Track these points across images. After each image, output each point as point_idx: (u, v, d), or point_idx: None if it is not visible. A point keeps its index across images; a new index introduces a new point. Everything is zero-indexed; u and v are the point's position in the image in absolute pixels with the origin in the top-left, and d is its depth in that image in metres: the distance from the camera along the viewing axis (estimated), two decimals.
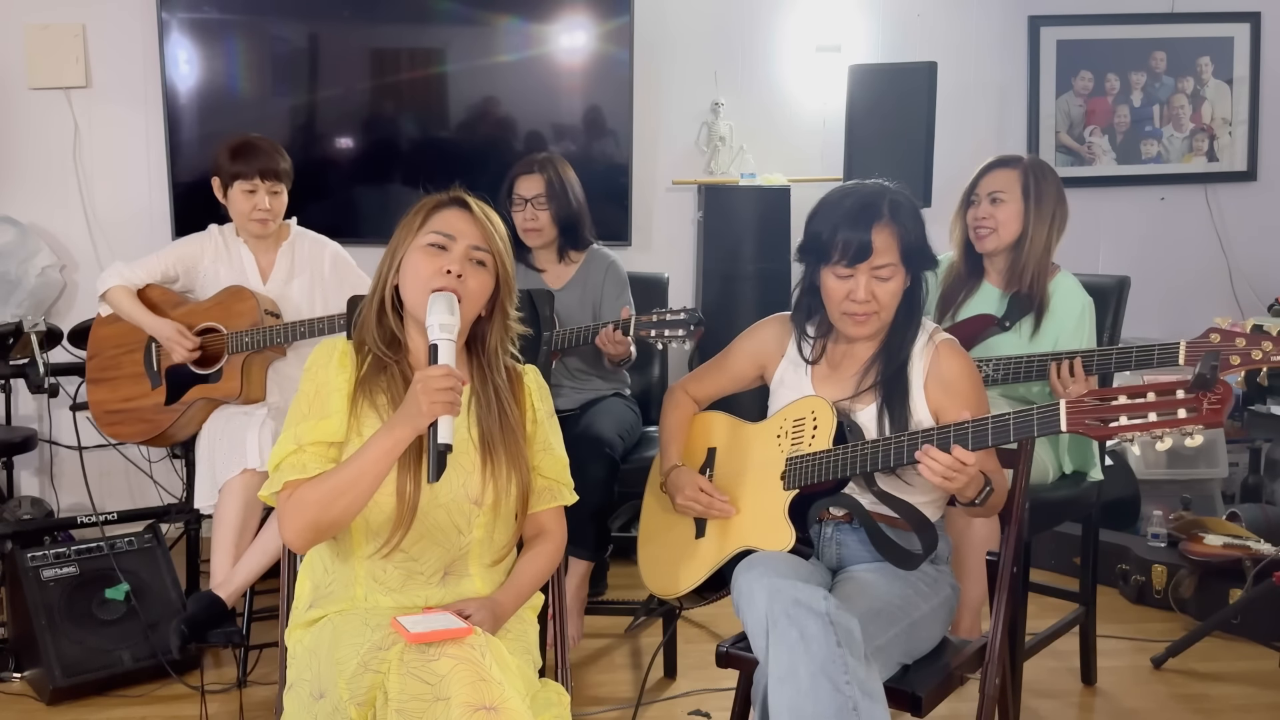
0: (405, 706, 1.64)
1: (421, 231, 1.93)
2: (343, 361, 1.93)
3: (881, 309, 2.14)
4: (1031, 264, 2.87)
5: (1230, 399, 1.78)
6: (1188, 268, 4.80)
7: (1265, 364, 2.55)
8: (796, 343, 2.29)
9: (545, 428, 2.05)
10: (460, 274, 1.89)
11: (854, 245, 2.10)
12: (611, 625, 3.49)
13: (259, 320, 3.11)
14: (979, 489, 2.04)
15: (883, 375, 2.18)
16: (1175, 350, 2.63)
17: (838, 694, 1.85)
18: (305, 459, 1.86)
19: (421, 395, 1.74)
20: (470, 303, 1.91)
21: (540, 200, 3.23)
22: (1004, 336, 2.87)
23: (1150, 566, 3.66)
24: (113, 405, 3.27)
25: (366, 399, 1.91)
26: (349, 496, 1.79)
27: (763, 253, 4.31)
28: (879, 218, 2.11)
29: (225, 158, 3.17)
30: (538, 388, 2.06)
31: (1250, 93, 4.80)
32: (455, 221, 1.93)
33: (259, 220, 3.17)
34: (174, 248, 3.29)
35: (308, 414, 1.90)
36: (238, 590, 2.97)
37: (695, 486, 2.25)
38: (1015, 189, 2.87)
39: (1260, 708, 2.99)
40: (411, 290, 1.91)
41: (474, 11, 4.30)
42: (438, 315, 1.82)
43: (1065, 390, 2.65)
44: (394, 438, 1.78)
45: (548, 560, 2.03)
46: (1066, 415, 1.90)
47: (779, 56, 4.56)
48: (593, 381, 3.27)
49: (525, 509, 1.99)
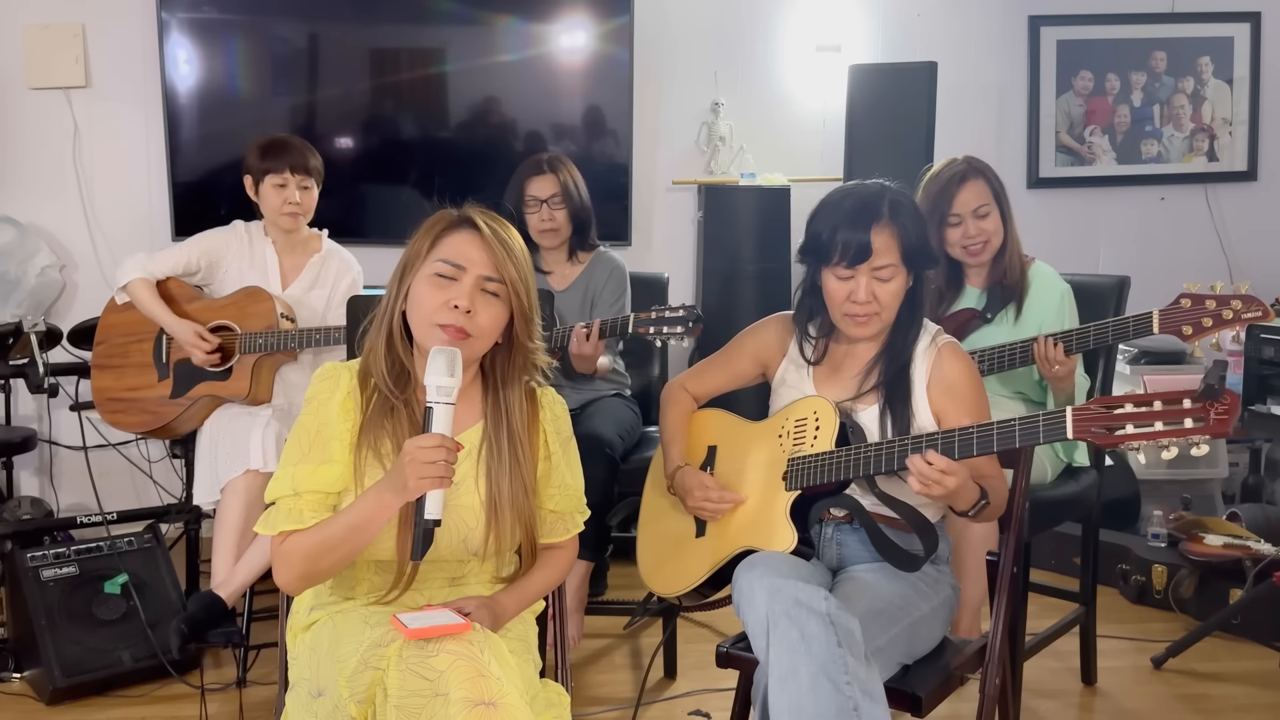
0: (405, 703, 1.63)
1: (430, 258, 1.82)
2: (346, 404, 1.84)
3: (883, 309, 2.14)
4: (1016, 261, 2.91)
5: (1238, 409, 1.78)
6: (1188, 268, 4.77)
7: (1236, 323, 2.60)
8: (798, 343, 2.29)
9: (561, 463, 1.96)
10: (469, 309, 1.79)
11: (854, 246, 2.10)
12: (611, 625, 3.49)
13: (274, 323, 3.11)
14: (971, 501, 2.03)
15: (885, 376, 2.18)
16: (1149, 319, 2.66)
17: (838, 694, 1.85)
18: (302, 506, 1.80)
19: (409, 467, 1.66)
20: (481, 338, 1.81)
21: (556, 200, 3.23)
22: (988, 329, 2.89)
23: (1150, 566, 3.66)
24: (117, 393, 3.27)
25: (370, 448, 1.82)
26: (338, 554, 1.76)
27: (763, 253, 4.31)
28: (879, 218, 2.11)
29: (255, 156, 3.17)
30: (554, 418, 1.97)
31: (1250, 93, 4.80)
32: (465, 248, 1.82)
33: (290, 214, 3.16)
34: (198, 241, 3.27)
35: (308, 454, 1.82)
36: (238, 590, 2.97)
37: (703, 488, 2.24)
38: (990, 198, 2.88)
39: (1260, 708, 2.99)
40: (419, 323, 1.82)
41: (474, 11, 4.30)
42: (435, 376, 1.71)
43: (1051, 369, 2.68)
44: (380, 503, 1.72)
45: (556, 574, 2.01)
46: (1073, 423, 1.89)
47: (779, 56, 4.56)
48: (593, 381, 3.27)
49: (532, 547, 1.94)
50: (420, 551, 1.72)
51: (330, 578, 1.85)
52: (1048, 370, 2.70)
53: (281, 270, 3.25)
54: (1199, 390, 1.78)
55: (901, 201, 2.15)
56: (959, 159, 2.95)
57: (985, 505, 2.04)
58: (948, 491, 1.96)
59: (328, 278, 3.27)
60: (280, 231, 3.23)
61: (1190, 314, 2.64)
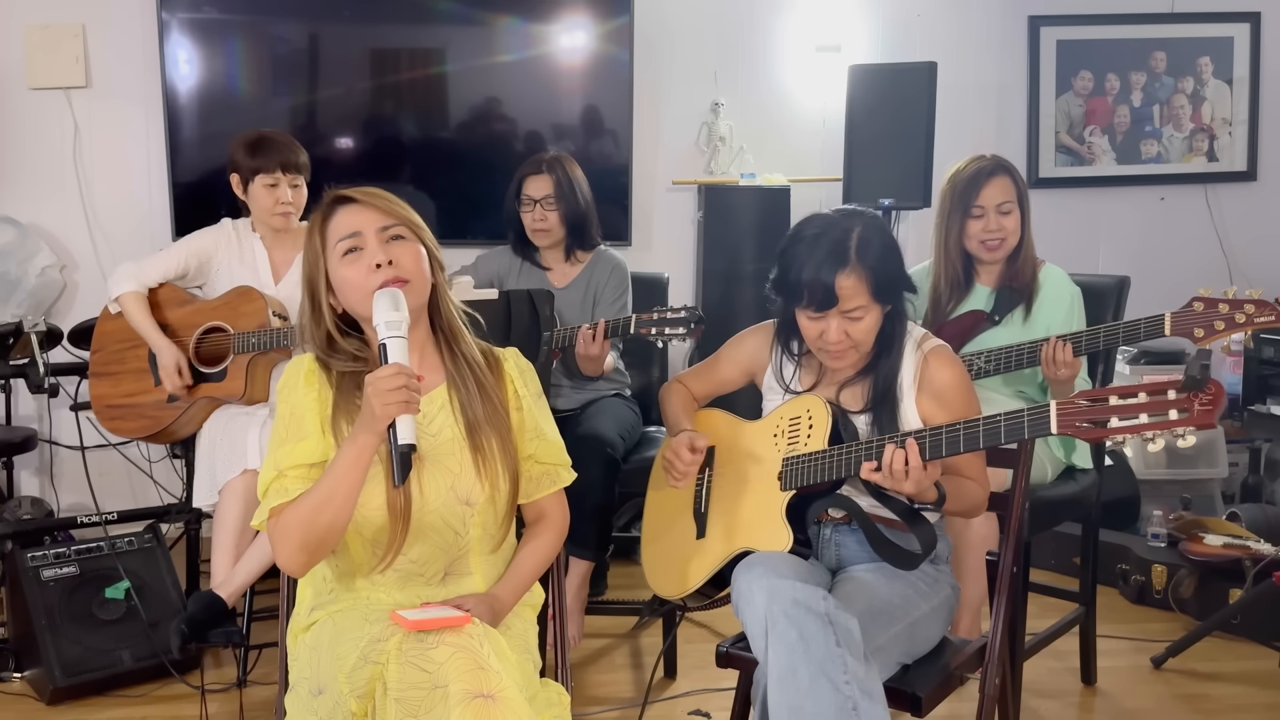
0: (404, 695, 1.64)
1: (330, 247, 1.88)
2: (309, 379, 1.90)
3: (858, 344, 2.13)
4: (1030, 262, 2.92)
5: (1222, 400, 1.77)
6: (1188, 268, 4.78)
7: (1250, 326, 2.61)
8: (777, 365, 2.29)
9: (534, 412, 2.00)
10: (389, 260, 1.84)
11: (820, 292, 2.07)
12: (612, 625, 3.49)
13: (266, 322, 3.11)
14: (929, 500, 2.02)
15: (872, 391, 2.18)
16: (1161, 322, 2.67)
17: (837, 694, 1.85)
18: (286, 483, 1.83)
19: (374, 399, 1.71)
20: (417, 279, 1.87)
21: (549, 201, 3.23)
22: (995, 330, 2.90)
23: (1150, 566, 3.66)
24: (114, 400, 3.27)
25: (345, 419, 1.86)
26: (329, 511, 1.77)
27: (763, 253, 4.31)
28: (844, 264, 2.06)
29: (243, 154, 3.14)
30: (519, 372, 2.01)
31: (1250, 93, 4.80)
32: (350, 218, 1.88)
33: (282, 214, 3.15)
34: (186, 243, 3.26)
35: (285, 438, 1.87)
36: (238, 590, 2.97)
37: (686, 444, 2.23)
38: (1014, 197, 2.90)
39: (1260, 708, 3.00)
40: (357, 303, 1.87)
41: (474, 11, 4.30)
42: (382, 313, 1.78)
43: (1057, 372, 2.68)
44: (358, 446, 1.76)
45: (547, 550, 2.02)
46: (1057, 417, 1.88)
47: (779, 56, 4.56)
48: (593, 381, 3.27)
49: (517, 496, 1.97)
50: (400, 476, 1.75)
51: (329, 548, 1.84)
52: (1053, 372, 2.70)
53: (273, 265, 3.23)
54: (1182, 381, 1.77)
55: (870, 239, 2.09)
56: (987, 156, 2.96)
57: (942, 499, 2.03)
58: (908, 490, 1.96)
59: None
60: (270, 229, 3.23)
61: (1203, 317, 2.64)
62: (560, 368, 3.24)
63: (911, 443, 1.97)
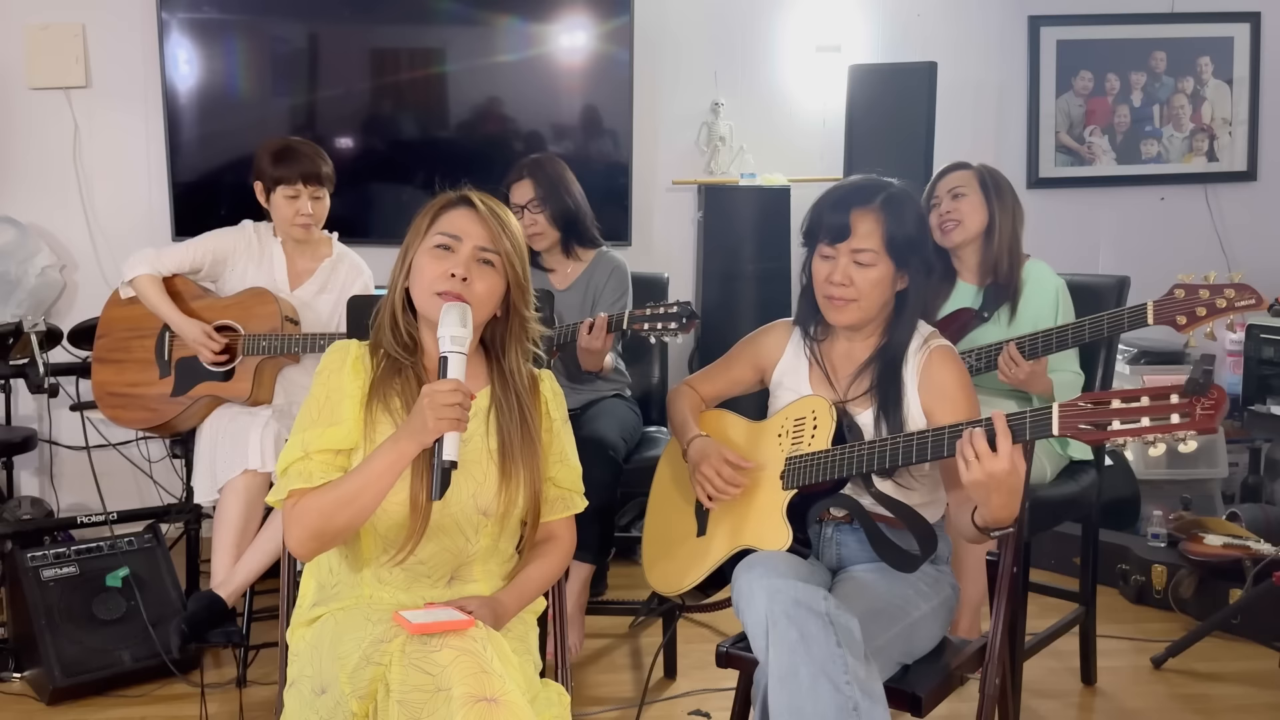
0: (407, 698, 1.64)
1: (429, 233, 1.92)
2: (356, 367, 1.92)
3: (860, 296, 2.14)
4: (1005, 252, 2.92)
5: (1224, 405, 1.77)
6: (1188, 268, 4.73)
7: (1230, 311, 2.64)
8: (798, 341, 2.30)
9: (561, 437, 2.04)
10: (465, 277, 1.87)
11: (835, 224, 2.13)
12: (612, 625, 3.49)
13: (279, 326, 3.10)
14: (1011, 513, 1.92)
15: (878, 379, 2.18)
16: (1143, 310, 2.68)
17: (838, 694, 1.85)
18: (311, 467, 1.85)
19: (428, 410, 1.73)
20: (479, 306, 1.89)
21: (534, 205, 3.22)
22: (985, 327, 2.90)
23: (1150, 566, 3.66)
24: (117, 388, 3.26)
25: (381, 402, 1.89)
26: (353, 508, 1.79)
27: (763, 253, 4.31)
28: (866, 203, 2.13)
29: (267, 162, 3.14)
30: (553, 395, 2.04)
31: (1250, 93, 4.80)
32: (461, 222, 1.91)
33: (302, 225, 3.15)
34: (206, 239, 3.25)
35: (317, 419, 1.88)
36: (238, 590, 2.97)
37: (720, 458, 2.20)
38: (973, 183, 2.93)
39: (1260, 708, 3.00)
40: (420, 293, 1.90)
41: (474, 11, 4.30)
42: (449, 327, 1.81)
43: (1015, 375, 2.70)
44: (399, 451, 1.78)
45: (555, 566, 2.03)
46: (1059, 419, 1.88)
47: (779, 56, 4.57)
48: (593, 382, 3.27)
49: (535, 518, 1.98)
50: (440, 491, 1.77)
51: (340, 541, 1.86)
52: (1010, 376, 2.71)
53: (292, 272, 3.23)
54: (1184, 385, 1.77)
55: (900, 198, 2.15)
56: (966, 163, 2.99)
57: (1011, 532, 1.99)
58: (991, 478, 1.85)
59: (337, 282, 3.25)
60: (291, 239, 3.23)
61: (1184, 304, 2.66)
62: (560, 368, 3.24)
63: (999, 415, 1.88)
